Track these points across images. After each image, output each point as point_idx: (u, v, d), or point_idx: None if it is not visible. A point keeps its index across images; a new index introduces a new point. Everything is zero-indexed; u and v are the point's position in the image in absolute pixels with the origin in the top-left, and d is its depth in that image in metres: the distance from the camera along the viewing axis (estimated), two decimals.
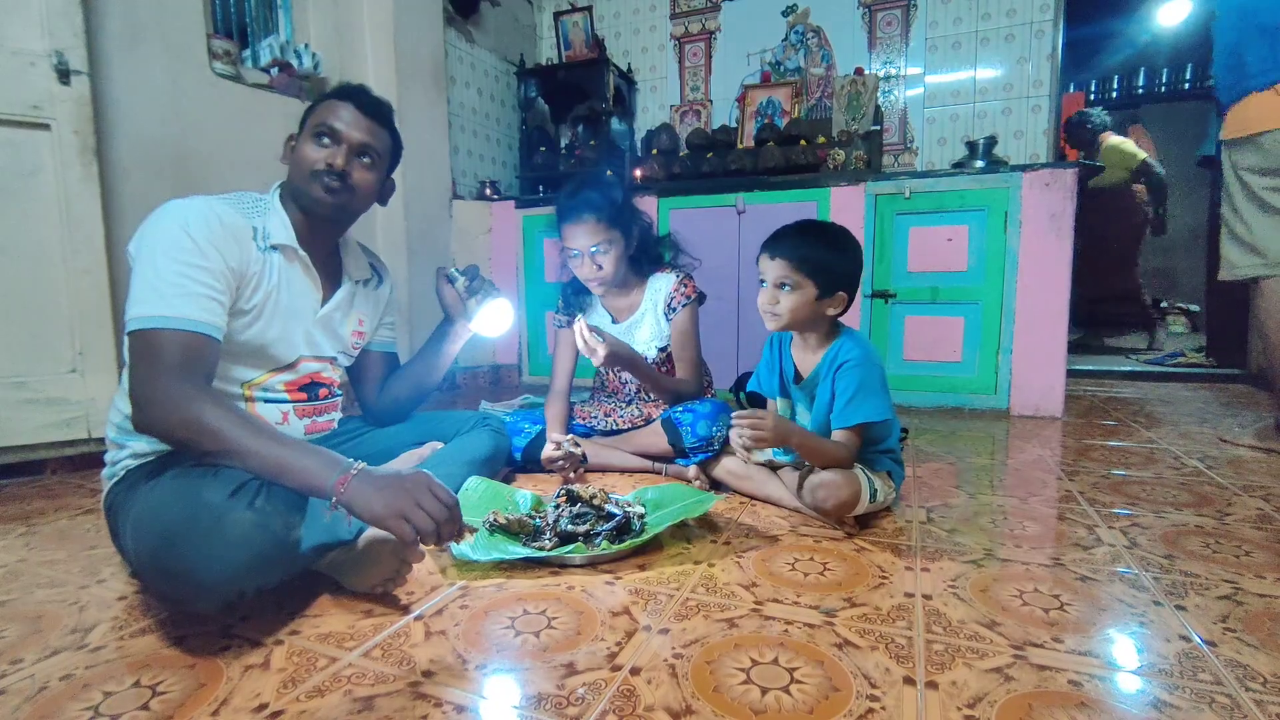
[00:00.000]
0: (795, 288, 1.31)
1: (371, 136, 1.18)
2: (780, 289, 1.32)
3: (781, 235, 1.35)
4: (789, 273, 1.31)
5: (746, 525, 1.34)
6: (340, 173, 1.13)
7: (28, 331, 1.68)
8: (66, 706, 0.75)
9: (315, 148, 1.14)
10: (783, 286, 1.32)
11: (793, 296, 1.32)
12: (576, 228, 1.62)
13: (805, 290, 1.31)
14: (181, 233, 0.99)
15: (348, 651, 0.86)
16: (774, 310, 1.34)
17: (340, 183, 1.14)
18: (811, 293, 1.31)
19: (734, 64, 3.68)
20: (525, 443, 1.68)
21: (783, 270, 1.31)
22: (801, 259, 1.31)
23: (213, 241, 1.01)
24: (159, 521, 0.83)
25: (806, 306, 1.32)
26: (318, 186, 1.13)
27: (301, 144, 1.15)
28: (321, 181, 1.13)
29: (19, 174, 1.65)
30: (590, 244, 1.61)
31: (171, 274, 0.97)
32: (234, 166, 2.20)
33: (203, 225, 1.01)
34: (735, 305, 2.82)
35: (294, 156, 1.16)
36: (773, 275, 1.33)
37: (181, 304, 0.96)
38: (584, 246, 1.62)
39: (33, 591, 1.06)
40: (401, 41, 2.83)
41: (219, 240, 1.02)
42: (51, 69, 1.65)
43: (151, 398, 0.92)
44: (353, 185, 1.16)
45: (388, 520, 0.86)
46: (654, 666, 0.83)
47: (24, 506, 1.51)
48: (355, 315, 1.31)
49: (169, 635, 0.91)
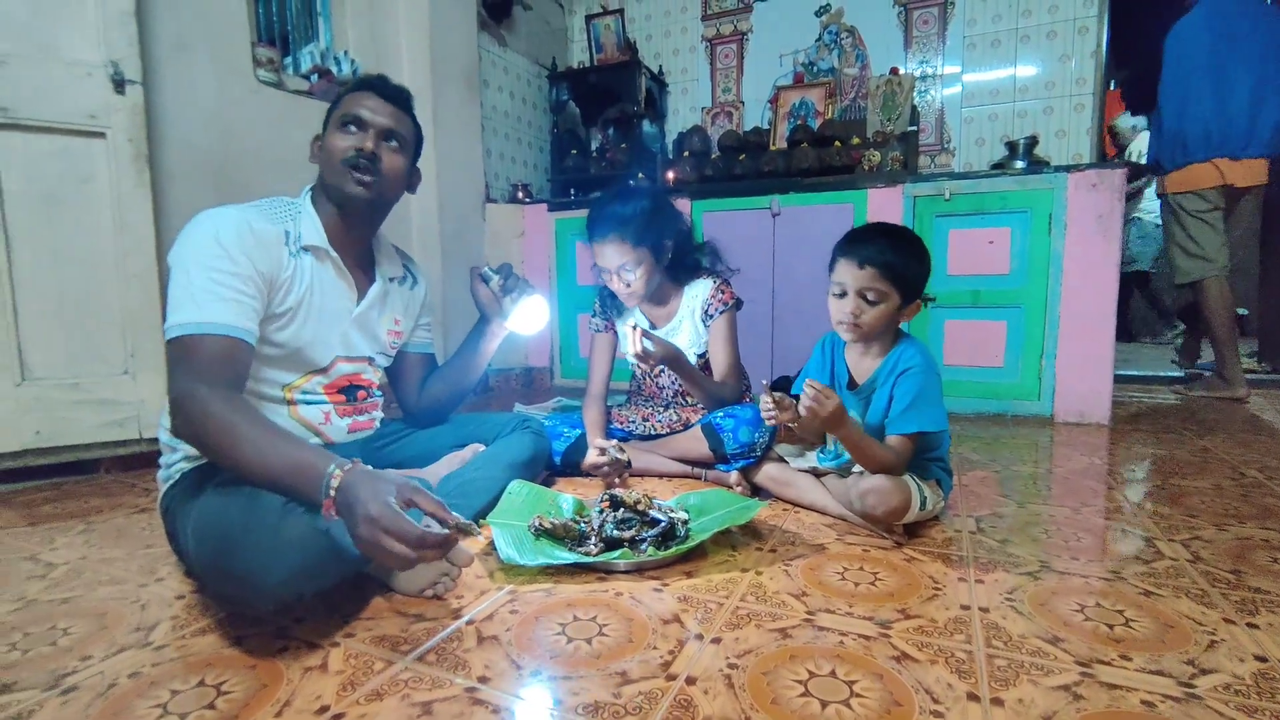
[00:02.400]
0: (881, 298, 1.25)
1: (396, 121, 1.19)
2: (863, 298, 1.26)
3: (864, 240, 1.27)
4: (876, 282, 1.24)
5: (791, 533, 1.32)
6: (371, 156, 1.14)
7: (82, 334, 1.73)
8: (136, 704, 0.77)
9: (343, 136, 1.15)
10: (866, 296, 1.26)
11: (878, 308, 1.26)
12: (603, 247, 1.61)
13: (890, 301, 1.26)
14: (213, 241, 1.02)
15: (402, 655, 0.87)
16: (857, 322, 1.27)
17: (371, 167, 1.15)
18: (895, 303, 1.27)
19: (766, 65, 3.66)
20: (565, 447, 1.69)
21: (870, 280, 1.24)
22: (888, 267, 1.24)
23: (243, 248, 1.03)
24: (219, 526, 0.85)
25: (888, 317, 1.28)
26: (349, 175, 1.14)
27: (329, 137, 1.17)
28: (352, 169, 1.14)
29: (75, 181, 1.69)
30: (617, 263, 1.60)
31: (204, 281, 0.99)
32: (275, 171, 2.24)
33: (233, 233, 1.03)
34: (770, 309, 2.80)
35: (323, 152, 1.17)
36: (857, 284, 1.25)
37: (214, 309, 0.98)
38: (611, 266, 1.62)
39: (95, 589, 1.09)
40: (436, 46, 2.86)
41: (249, 247, 1.04)
42: (107, 79, 1.70)
43: (177, 403, 0.94)
44: (383, 171, 1.17)
45: (372, 556, 0.82)
46: (709, 677, 0.82)
47: (82, 504, 1.55)
48: (391, 314, 1.33)
49: (228, 635, 0.92)
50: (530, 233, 3.32)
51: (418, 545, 0.80)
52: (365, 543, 0.80)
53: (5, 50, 1.58)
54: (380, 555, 0.81)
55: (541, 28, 3.81)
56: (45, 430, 1.68)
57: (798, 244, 2.71)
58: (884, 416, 1.29)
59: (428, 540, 0.80)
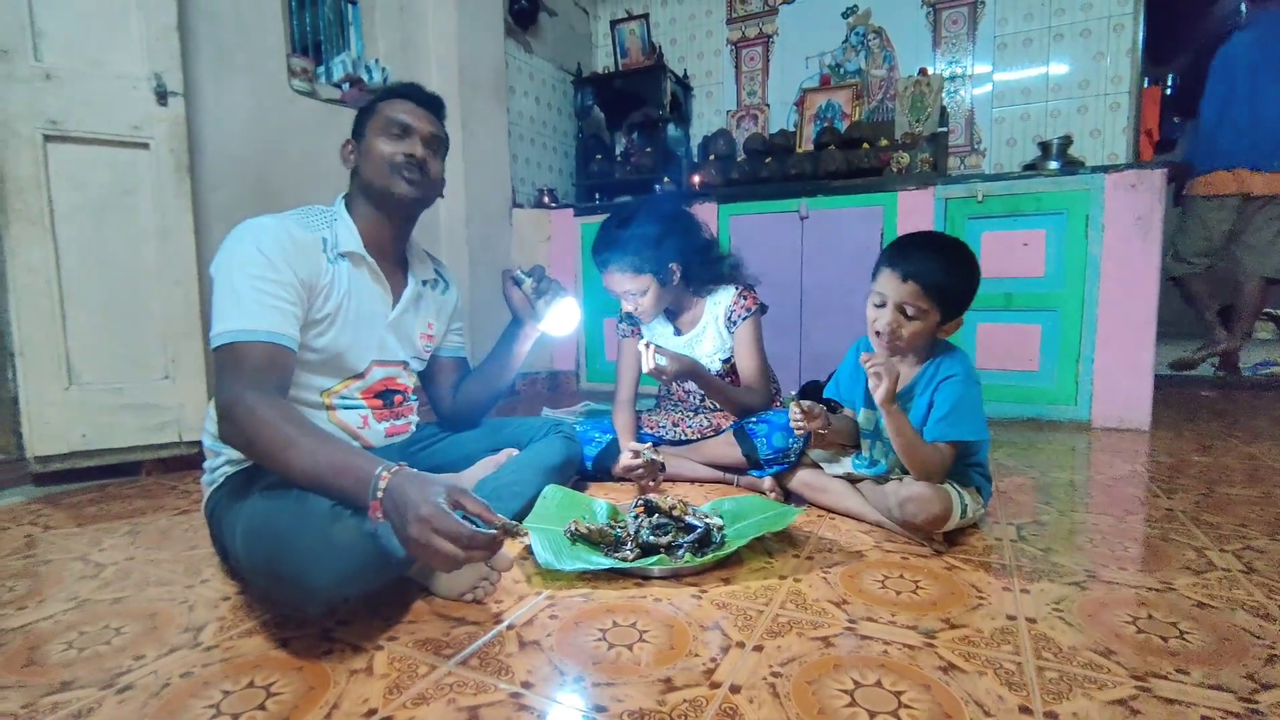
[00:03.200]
0: (921, 315, 1.22)
1: (436, 128, 1.24)
2: (902, 312, 1.23)
3: (911, 252, 1.23)
4: (918, 299, 1.21)
5: (827, 539, 1.31)
6: (420, 162, 1.18)
7: (125, 341, 1.77)
8: (190, 704, 0.78)
9: (390, 142, 1.18)
10: (905, 310, 1.22)
11: (915, 325, 1.23)
12: (607, 276, 1.65)
13: (929, 319, 1.23)
14: (255, 250, 1.04)
15: (446, 659, 0.88)
16: (895, 334, 1.24)
17: (420, 172, 1.19)
18: (935, 320, 1.24)
19: (792, 67, 3.64)
20: (596, 452, 1.69)
21: (912, 295, 1.21)
22: (935, 286, 1.20)
23: (284, 256, 1.06)
24: (269, 530, 0.86)
25: (926, 335, 1.26)
26: (399, 179, 1.18)
27: (372, 143, 1.19)
28: (403, 173, 1.17)
29: (120, 191, 1.74)
30: (621, 290, 1.64)
31: (247, 289, 1.01)
32: (309, 178, 2.28)
33: (274, 242, 1.06)
34: (798, 313, 2.78)
35: (367, 157, 1.19)
36: (898, 297, 1.22)
37: (257, 316, 1.01)
38: (617, 291, 1.65)
39: (144, 589, 1.11)
40: (465, 54, 2.89)
41: (290, 255, 1.07)
42: (151, 91, 1.75)
43: (224, 409, 0.96)
44: (430, 175, 1.21)
45: (420, 559, 0.85)
46: (753, 685, 0.81)
47: (126, 506, 1.59)
48: (424, 318, 1.34)
49: (274, 637, 0.94)
50: (556, 237, 3.34)
51: (468, 545, 0.81)
52: (415, 542, 0.81)
53: (56, 65, 1.63)
54: (429, 555, 0.81)
55: (566, 34, 3.84)
56: (91, 434, 1.72)
57: (826, 247, 2.68)
58: (922, 424, 1.27)
59: (477, 540, 0.81)
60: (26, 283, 1.62)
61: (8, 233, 1.59)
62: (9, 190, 1.59)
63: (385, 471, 0.86)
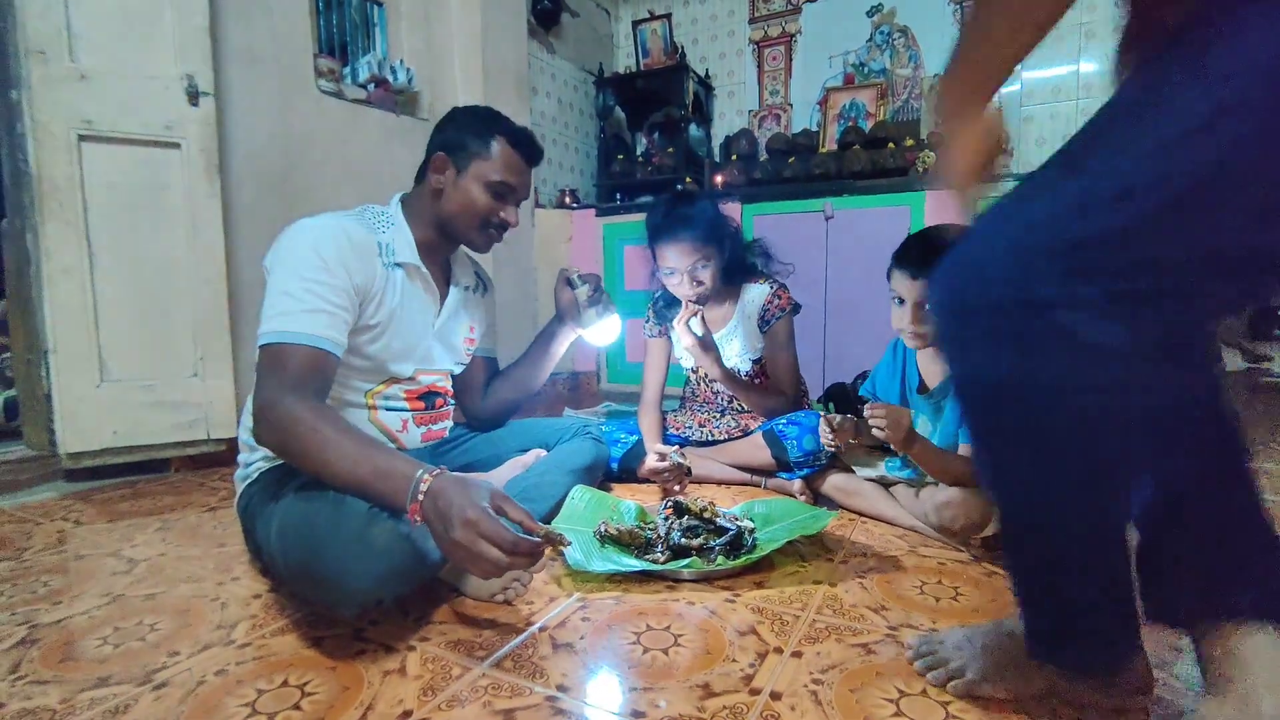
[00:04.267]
0: None
1: (530, 188, 1.25)
2: (920, 308, 1.26)
3: (919, 253, 1.26)
4: None
5: (861, 544, 1.28)
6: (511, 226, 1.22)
7: (155, 338, 1.79)
8: (225, 701, 0.78)
9: (490, 200, 1.19)
10: (924, 306, 1.25)
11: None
12: (673, 247, 1.58)
13: None
14: (311, 251, 1.03)
15: (479, 661, 0.86)
16: (918, 330, 1.27)
17: (503, 233, 1.22)
18: None
19: (815, 66, 3.61)
20: (622, 453, 1.67)
21: (926, 291, 1.23)
22: None
23: (340, 260, 1.04)
24: (306, 530, 0.85)
25: None
26: (484, 236, 1.21)
27: (472, 188, 1.18)
28: (489, 233, 1.21)
29: (152, 189, 1.76)
30: (689, 263, 1.58)
31: (299, 291, 1.00)
32: (335, 179, 2.29)
33: (331, 244, 1.05)
34: (822, 315, 2.75)
35: (460, 196, 1.18)
36: (913, 295, 1.26)
37: (306, 321, 0.99)
38: (683, 266, 1.59)
39: (176, 586, 1.11)
40: (489, 55, 2.90)
41: (346, 258, 1.05)
42: (183, 91, 1.76)
43: (262, 410, 0.94)
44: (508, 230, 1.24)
45: (460, 564, 0.84)
46: (794, 692, 0.79)
47: (156, 502, 1.60)
48: (466, 323, 1.34)
49: (307, 636, 0.93)
50: (578, 237, 3.33)
51: (511, 550, 0.80)
52: (459, 546, 0.80)
53: (90, 66, 1.65)
54: (471, 560, 0.80)
55: (588, 34, 3.83)
56: (122, 430, 1.74)
57: (852, 247, 2.65)
58: (959, 424, 1.24)
59: (521, 547, 0.80)
60: (61, 282, 1.64)
61: (43, 232, 1.61)
62: (45, 190, 1.61)
63: (426, 474, 0.85)
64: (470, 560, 0.81)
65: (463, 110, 1.25)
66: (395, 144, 2.53)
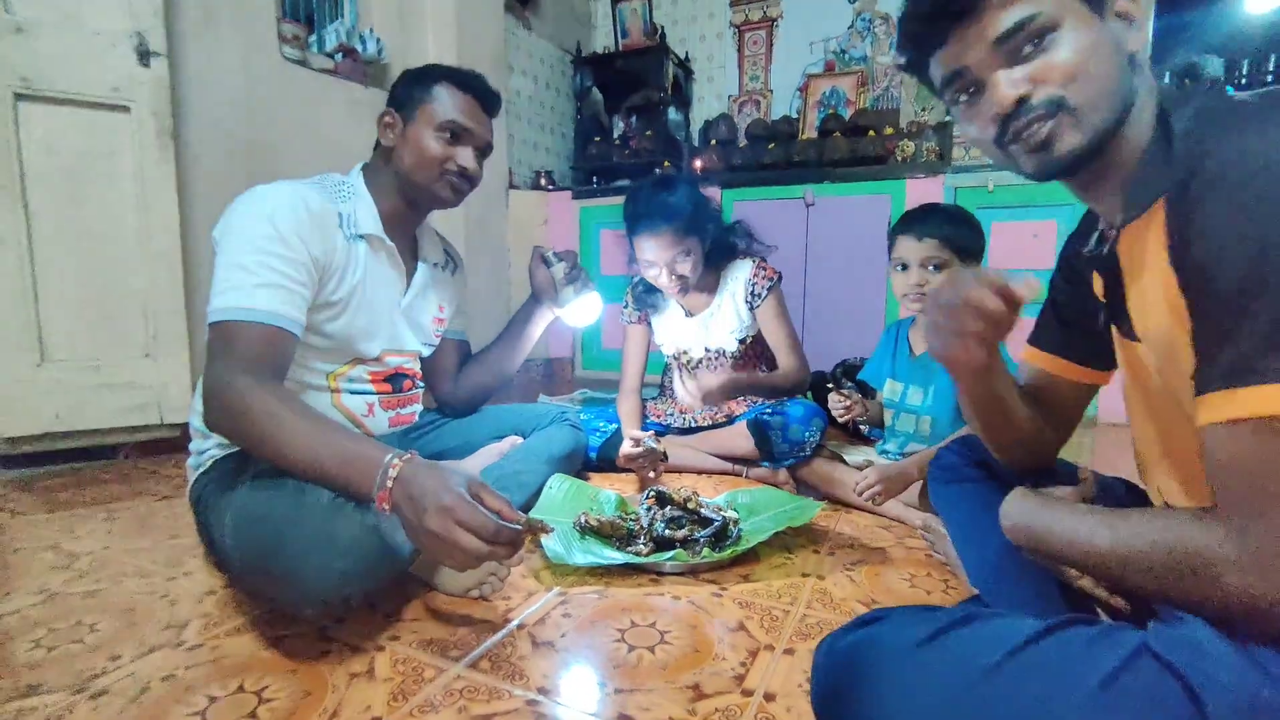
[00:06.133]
0: (944, 265, 1.30)
1: (490, 135, 1.16)
2: (927, 269, 1.31)
3: (920, 217, 1.34)
4: (937, 251, 1.30)
5: (847, 535, 1.25)
6: (470, 174, 1.12)
7: (102, 315, 1.67)
8: (172, 709, 0.71)
9: (443, 145, 1.10)
10: (930, 266, 1.31)
11: (941, 274, 1.30)
12: (654, 239, 1.50)
13: (952, 267, 1.29)
14: (266, 223, 0.94)
15: (454, 662, 0.81)
16: (923, 291, 1.31)
17: (467, 182, 1.13)
18: (956, 269, 1.30)
19: (796, 52, 3.56)
20: (600, 442, 1.62)
21: (932, 249, 1.30)
22: (947, 238, 1.29)
23: (297, 231, 0.96)
24: (264, 523, 0.78)
25: None
26: (445, 185, 1.12)
27: (421, 136, 1.09)
28: (450, 181, 1.11)
29: (97, 156, 1.64)
30: (670, 255, 1.51)
31: (253, 264, 0.92)
32: (300, 150, 2.17)
33: (288, 213, 0.96)
34: (802, 300, 2.72)
35: (411, 148, 1.10)
36: (920, 256, 1.31)
37: (261, 296, 0.91)
38: (663, 260, 1.52)
39: (121, 582, 1.03)
40: (464, 28, 2.78)
41: (304, 230, 0.97)
42: (132, 50, 1.64)
43: (212, 392, 0.87)
44: (474, 183, 1.15)
45: (434, 555, 0.76)
46: (789, 693, 0.75)
47: (102, 491, 1.50)
48: (435, 301, 1.27)
49: (265, 636, 0.86)
50: (554, 220, 3.25)
51: (492, 539, 0.73)
52: (433, 535, 0.73)
53: (28, 17, 1.52)
54: (446, 550, 0.74)
55: (566, 12, 3.73)
56: (64, 413, 1.62)
57: (832, 234, 2.62)
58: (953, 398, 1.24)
59: (502, 535, 0.73)
60: None
61: None
62: None
63: (396, 459, 0.78)
64: (446, 551, 0.74)
65: (408, 69, 1.18)
66: (364, 117, 2.42)
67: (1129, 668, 0.45)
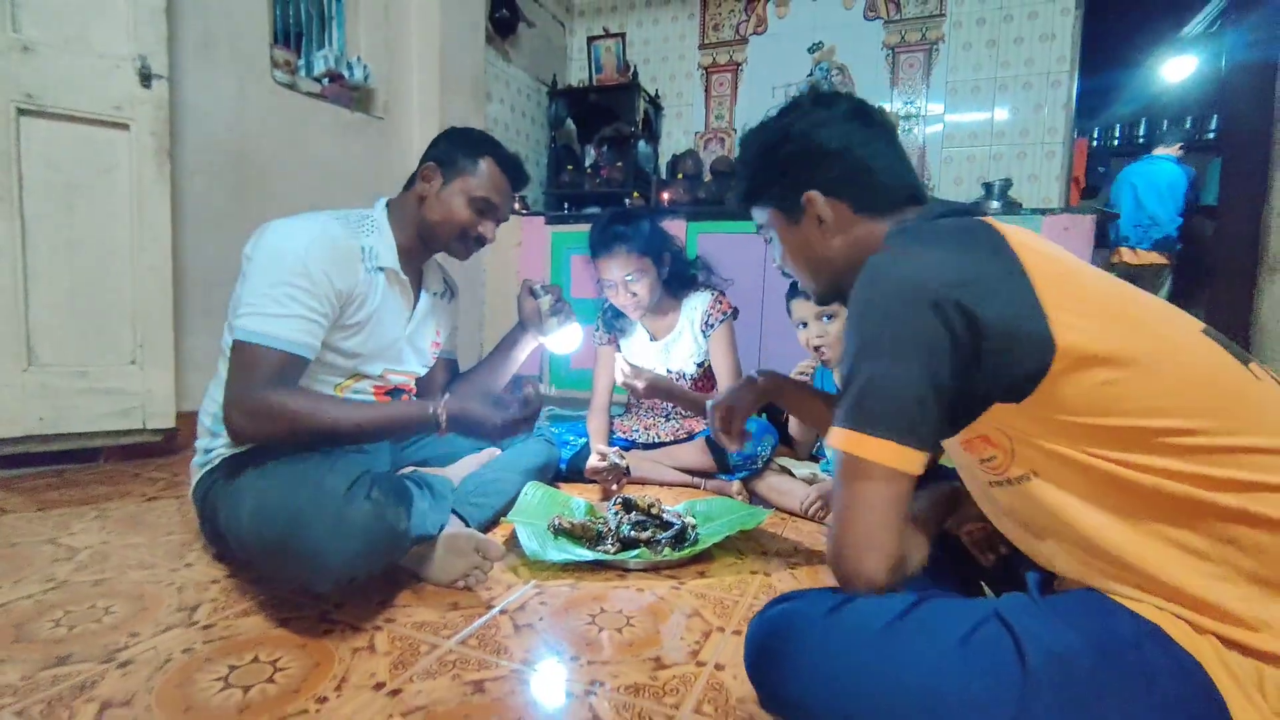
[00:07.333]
0: (836, 314, 1.47)
1: (512, 207, 1.33)
2: (821, 320, 1.49)
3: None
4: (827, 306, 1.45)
5: (792, 540, 1.40)
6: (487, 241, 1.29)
7: (92, 323, 1.73)
8: (197, 677, 0.81)
9: (472, 215, 1.24)
10: (824, 319, 1.49)
11: (837, 322, 1.46)
12: (610, 260, 1.70)
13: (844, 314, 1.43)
14: (297, 257, 1.05)
15: (445, 639, 0.92)
16: (823, 344, 1.46)
17: (481, 246, 1.29)
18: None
19: (759, 95, 3.81)
20: (571, 455, 1.75)
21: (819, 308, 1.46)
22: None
23: (324, 267, 1.07)
24: (284, 508, 0.89)
25: None
26: (462, 247, 1.28)
27: (455, 201, 1.23)
28: (469, 245, 1.28)
29: (96, 171, 1.71)
30: (624, 274, 1.69)
31: (283, 296, 1.03)
32: (287, 171, 2.27)
33: (318, 249, 1.08)
34: (759, 329, 2.91)
35: (443, 207, 1.23)
36: (813, 313, 1.49)
37: (284, 326, 1.03)
38: (618, 277, 1.70)
39: (126, 572, 1.11)
40: (447, 56, 2.92)
41: (329, 265, 1.08)
42: (135, 72, 1.73)
43: (244, 405, 0.99)
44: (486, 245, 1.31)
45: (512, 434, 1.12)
46: (735, 663, 0.89)
47: (87, 491, 1.55)
48: (433, 327, 1.38)
49: (273, 618, 0.96)
50: (527, 243, 3.38)
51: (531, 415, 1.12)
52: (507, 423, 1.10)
53: (36, 38, 1.60)
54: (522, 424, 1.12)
55: (544, 45, 3.91)
56: (49, 417, 1.67)
57: None
58: None
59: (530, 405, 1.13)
60: None
61: None
62: None
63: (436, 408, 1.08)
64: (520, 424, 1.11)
65: (459, 129, 1.32)
66: (350, 140, 2.53)
67: (980, 628, 0.60)
